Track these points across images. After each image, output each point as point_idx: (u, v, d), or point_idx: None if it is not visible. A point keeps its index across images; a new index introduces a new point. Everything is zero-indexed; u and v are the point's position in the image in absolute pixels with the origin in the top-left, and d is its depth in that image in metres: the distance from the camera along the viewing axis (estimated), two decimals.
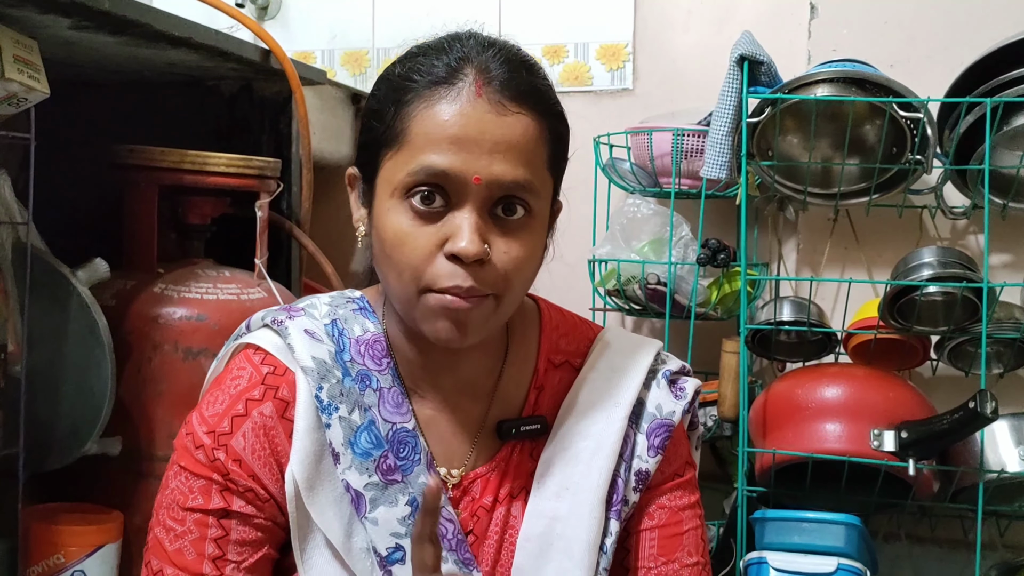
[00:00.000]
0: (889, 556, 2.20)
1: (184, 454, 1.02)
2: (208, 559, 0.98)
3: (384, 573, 0.99)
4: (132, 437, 1.81)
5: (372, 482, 1.00)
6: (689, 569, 1.09)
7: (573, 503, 1.04)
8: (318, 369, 1.02)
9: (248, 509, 1.00)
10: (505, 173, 0.95)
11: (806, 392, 1.93)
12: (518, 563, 1.04)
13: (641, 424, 1.09)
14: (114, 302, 1.82)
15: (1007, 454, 1.88)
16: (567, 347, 1.13)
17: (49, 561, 1.69)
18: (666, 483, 1.11)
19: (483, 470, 1.07)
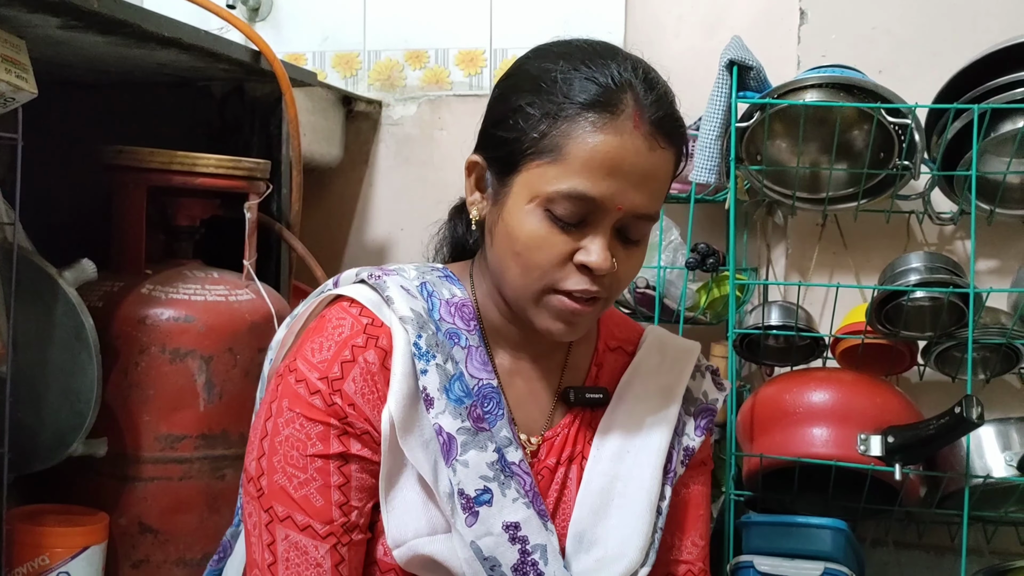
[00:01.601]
0: (876, 562, 2.20)
1: (298, 401, 1.04)
2: (335, 506, 1.02)
3: (469, 515, 1.03)
4: (118, 439, 1.81)
5: (464, 427, 1.05)
6: (700, 550, 1.18)
7: (634, 464, 1.12)
8: (416, 319, 1.08)
9: (365, 452, 1.04)
10: (643, 206, 1.03)
11: (794, 396, 1.93)
12: (577, 516, 1.10)
13: (690, 408, 1.20)
14: (101, 303, 1.81)
15: (993, 459, 1.89)
16: (620, 335, 1.24)
17: (34, 562, 1.68)
18: (695, 467, 1.20)
19: (550, 434, 1.14)
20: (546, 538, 1.05)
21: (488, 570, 1.03)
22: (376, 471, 1.05)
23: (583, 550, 1.09)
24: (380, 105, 2.59)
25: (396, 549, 1.04)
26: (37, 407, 1.70)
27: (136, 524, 1.82)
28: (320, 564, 1.01)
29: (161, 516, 1.82)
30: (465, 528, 1.03)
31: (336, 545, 1.02)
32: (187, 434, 1.83)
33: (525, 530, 1.04)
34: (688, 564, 1.17)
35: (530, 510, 1.05)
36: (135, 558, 1.82)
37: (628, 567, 1.08)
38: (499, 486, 1.05)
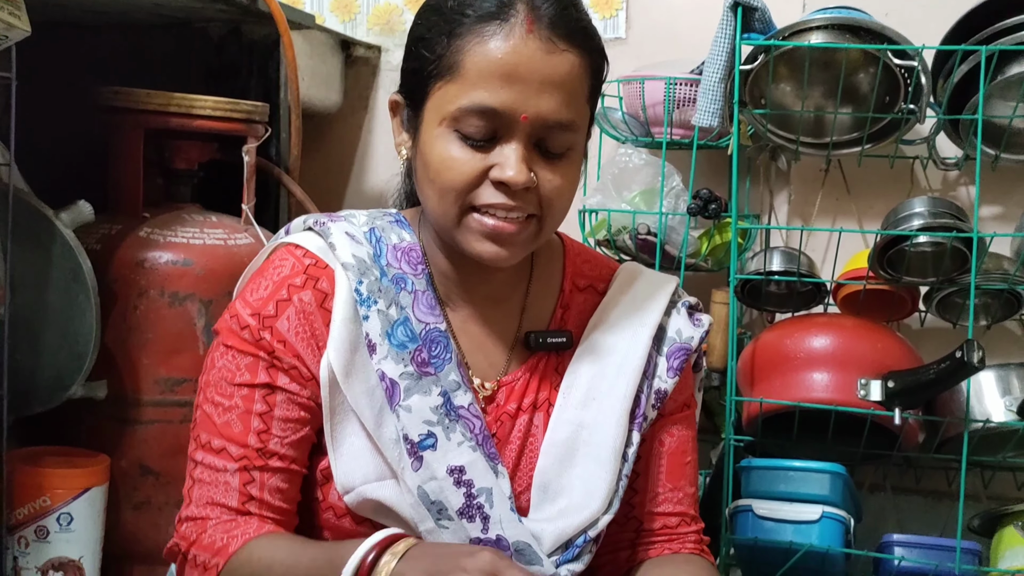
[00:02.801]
0: (874, 507, 2.21)
1: (229, 335, 1.06)
2: (253, 432, 1.03)
3: (415, 460, 1.03)
4: (118, 383, 1.81)
5: (407, 372, 1.05)
6: (689, 497, 1.16)
7: (599, 412, 1.09)
8: (358, 266, 1.07)
9: (292, 387, 1.04)
10: (551, 112, 1.00)
11: (794, 342, 1.93)
12: (542, 466, 1.09)
13: (662, 347, 1.15)
14: (99, 246, 1.80)
15: (992, 405, 1.89)
16: (590, 272, 1.19)
17: (35, 504, 1.69)
18: (676, 412, 1.17)
19: (508, 379, 1.12)
20: (493, 482, 1.04)
21: (435, 514, 1.02)
22: (304, 405, 1.05)
23: (548, 500, 1.08)
24: (379, 50, 2.55)
25: (346, 495, 1.04)
26: (35, 349, 1.70)
27: (137, 466, 1.82)
28: (228, 483, 1.02)
29: (162, 459, 1.83)
30: (411, 473, 1.02)
31: (247, 467, 1.02)
32: (187, 378, 1.83)
33: (470, 473, 1.03)
34: (680, 515, 1.15)
35: (476, 453, 1.04)
36: (136, 500, 1.83)
37: (590, 516, 1.07)
38: (443, 430, 1.04)
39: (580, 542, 1.07)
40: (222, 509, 1.02)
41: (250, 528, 1.00)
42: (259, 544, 0.98)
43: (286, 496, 1.05)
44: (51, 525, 1.69)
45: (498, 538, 1.03)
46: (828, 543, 1.85)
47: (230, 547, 0.98)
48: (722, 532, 1.93)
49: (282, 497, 1.04)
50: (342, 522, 1.06)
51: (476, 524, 1.03)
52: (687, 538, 1.15)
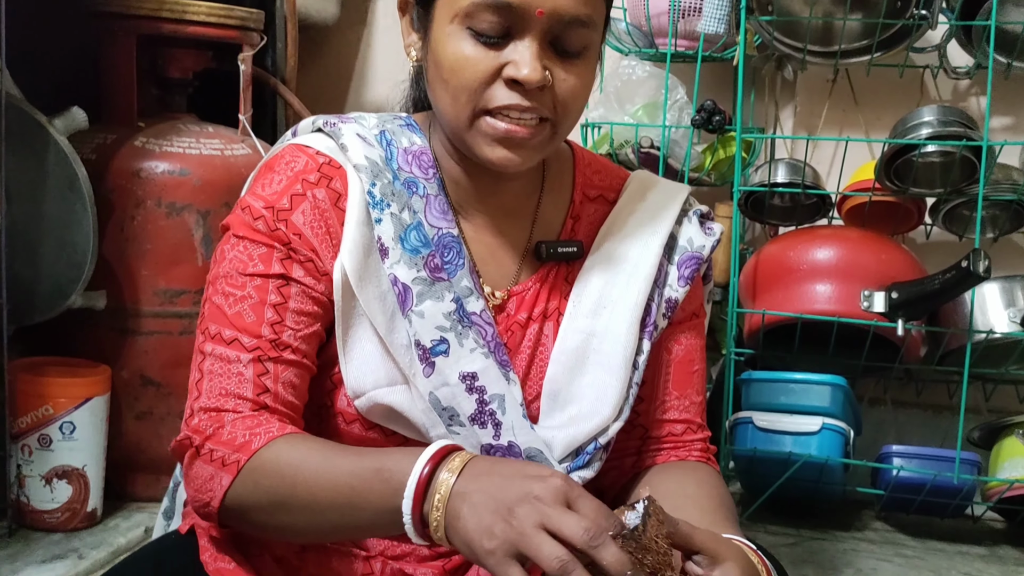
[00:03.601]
0: (874, 420, 2.22)
1: (241, 226, 1.02)
2: (267, 323, 0.99)
3: (426, 365, 1.01)
4: (117, 294, 1.80)
5: (420, 277, 1.02)
6: (696, 406, 1.14)
7: (610, 320, 1.07)
8: (371, 168, 1.04)
9: (307, 280, 1.01)
10: (568, 6, 0.96)
11: (798, 253, 1.91)
12: (552, 374, 1.07)
13: (673, 256, 1.12)
14: (94, 156, 1.78)
15: (996, 316, 1.88)
16: (601, 182, 1.17)
17: (38, 412, 1.69)
18: (685, 321, 1.14)
19: (519, 288, 1.10)
20: (505, 388, 1.03)
21: (446, 420, 1.01)
22: (318, 300, 1.02)
23: (558, 408, 1.07)
24: None
25: (356, 400, 1.02)
26: (33, 258, 1.69)
27: (138, 377, 1.83)
28: (241, 373, 0.98)
29: (162, 369, 1.83)
30: (423, 379, 1.01)
31: (260, 358, 0.98)
32: (186, 289, 1.82)
33: (482, 380, 1.02)
34: (686, 422, 1.14)
35: (489, 360, 1.03)
36: (138, 410, 1.84)
37: (600, 423, 1.05)
38: (456, 336, 1.02)
39: (590, 449, 1.06)
40: (238, 400, 0.97)
41: (272, 427, 0.96)
42: (285, 445, 0.94)
43: (298, 392, 1.02)
44: (54, 434, 1.70)
45: (510, 444, 1.02)
46: (827, 454, 1.86)
47: (252, 444, 0.93)
48: (721, 444, 1.94)
49: (294, 393, 1.01)
50: (351, 428, 1.05)
51: (488, 430, 1.02)
52: (693, 446, 1.14)
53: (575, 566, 0.77)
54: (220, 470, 0.93)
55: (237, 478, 0.93)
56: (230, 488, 0.93)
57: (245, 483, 0.93)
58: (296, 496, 0.92)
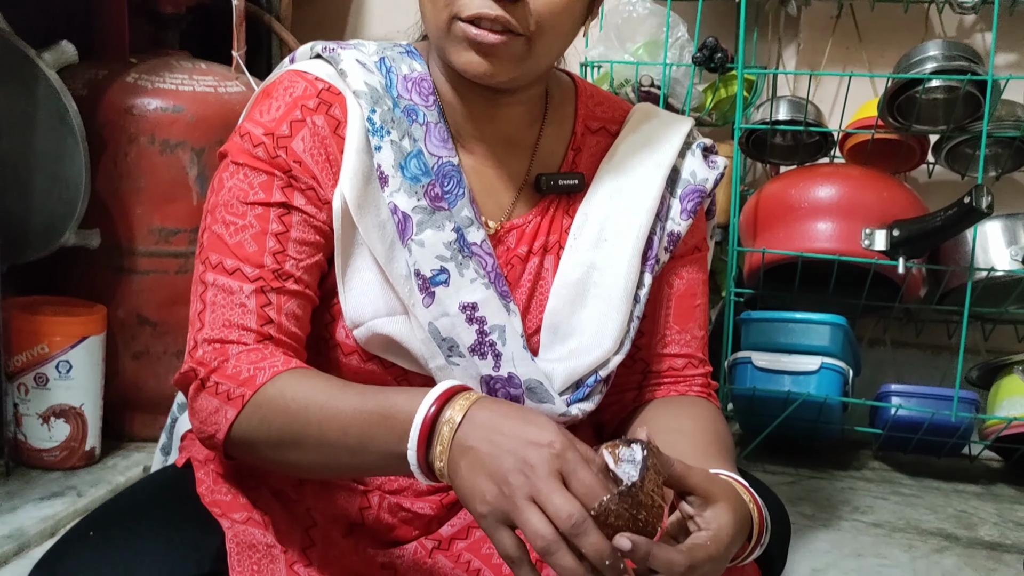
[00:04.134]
0: (873, 361, 2.22)
1: (240, 153, 1.00)
2: (269, 252, 0.98)
3: (426, 295, 1.00)
4: (112, 232, 1.79)
5: (420, 205, 1.01)
6: (698, 340, 1.13)
7: (611, 252, 1.06)
8: (371, 94, 1.02)
9: (309, 208, 1.00)
10: None
11: (799, 192, 1.89)
12: (552, 307, 1.06)
13: (676, 189, 1.11)
14: (85, 91, 1.75)
15: (997, 254, 1.87)
16: (603, 115, 1.14)
17: (33, 351, 1.69)
18: (687, 255, 1.13)
19: (519, 221, 1.08)
20: (505, 319, 1.02)
21: (446, 350, 1.00)
22: (320, 229, 1.00)
23: (558, 341, 1.06)
24: None
25: (355, 330, 1.01)
26: (25, 194, 1.67)
27: (134, 316, 1.82)
28: (244, 304, 0.97)
29: (159, 309, 1.82)
30: (422, 309, 1.00)
31: (263, 288, 0.97)
32: (181, 228, 1.81)
33: (483, 310, 1.01)
34: (687, 357, 1.12)
35: (489, 290, 1.02)
36: (135, 349, 1.83)
37: (601, 356, 1.05)
38: (456, 266, 1.01)
39: (591, 382, 1.05)
40: (242, 331, 0.96)
41: (277, 360, 0.94)
42: (291, 380, 0.93)
43: (300, 323, 1.01)
44: (50, 372, 1.69)
45: (510, 376, 1.01)
46: (826, 393, 1.86)
47: (257, 379, 0.92)
48: (720, 384, 1.94)
49: (297, 324, 1.00)
50: (349, 360, 1.04)
51: (488, 361, 1.01)
52: (694, 381, 1.13)
53: (558, 547, 0.76)
54: (225, 403, 0.93)
55: (242, 412, 0.92)
56: (235, 422, 0.92)
57: (251, 418, 0.92)
58: (305, 435, 0.91)
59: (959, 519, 1.81)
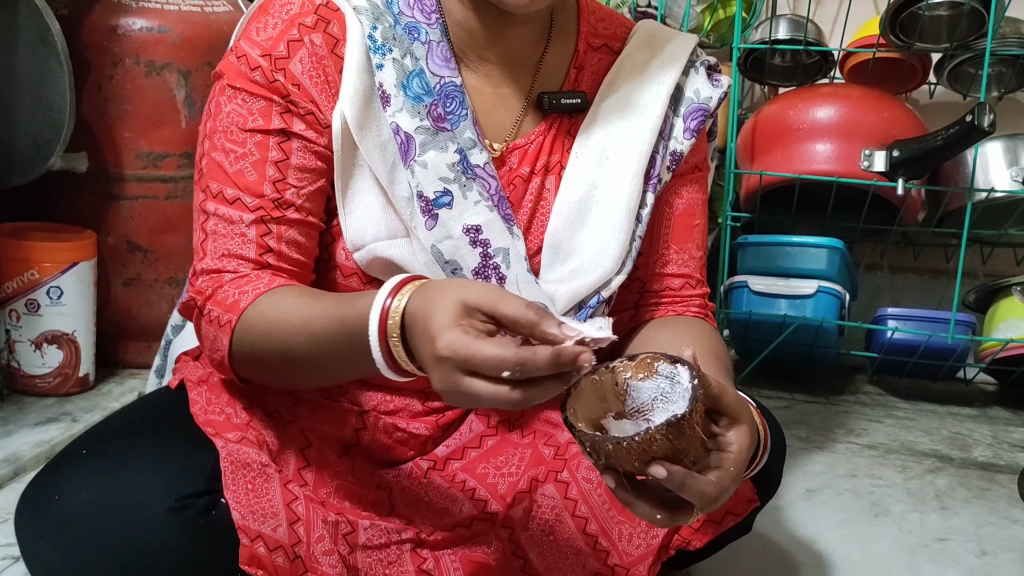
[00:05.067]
0: (870, 286, 2.21)
1: (238, 76, 0.98)
2: (269, 181, 0.97)
3: (429, 218, 0.99)
4: (99, 157, 1.75)
5: (423, 126, 0.99)
6: (696, 261, 1.12)
7: (613, 171, 1.05)
8: (371, 10, 1.00)
9: (309, 133, 0.98)
10: None
11: (798, 113, 1.86)
12: (554, 227, 1.05)
13: (679, 108, 1.09)
14: (67, 11, 1.70)
15: (998, 175, 1.85)
16: (605, 31, 1.12)
17: (23, 277, 1.67)
18: (688, 174, 1.12)
19: (522, 142, 1.07)
20: (509, 242, 1.01)
21: (449, 274, 0.99)
22: (321, 154, 0.99)
23: (559, 261, 1.05)
24: None
25: (355, 253, 1.00)
26: (8, 118, 1.63)
27: (124, 243, 1.79)
28: (244, 234, 0.97)
29: (149, 235, 1.79)
30: (425, 232, 0.99)
31: (263, 218, 0.97)
32: (169, 152, 1.78)
33: (487, 233, 1.00)
34: (685, 277, 1.12)
35: (493, 213, 1.00)
36: (126, 276, 1.81)
37: (602, 276, 1.04)
38: (460, 188, 0.99)
39: (593, 303, 1.05)
40: (239, 261, 0.97)
41: (261, 283, 0.95)
42: (270, 299, 0.93)
43: (303, 250, 1.00)
44: (41, 299, 1.67)
45: None
46: (822, 317, 1.85)
47: (241, 303, 0.93)
48: (717, 309, 1.93)
49: (299, 250, 1.00)
50: (349, 282, 1.03)
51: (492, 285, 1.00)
52: (691, 301, 1.13)
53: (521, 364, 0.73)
54: (219, 331, 0.94)
55: (233, 338, 0.93)
56: (230, 347, 0.94)
57: (241, 342, 0.93)
58: (291, 350, 0.91)
59: (953, 441, 1.81)
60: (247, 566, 0.90)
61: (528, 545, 1.02)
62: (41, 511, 0.91)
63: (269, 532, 0.91)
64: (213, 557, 0.89)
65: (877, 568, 1.32)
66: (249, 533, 0.90)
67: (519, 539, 1.02)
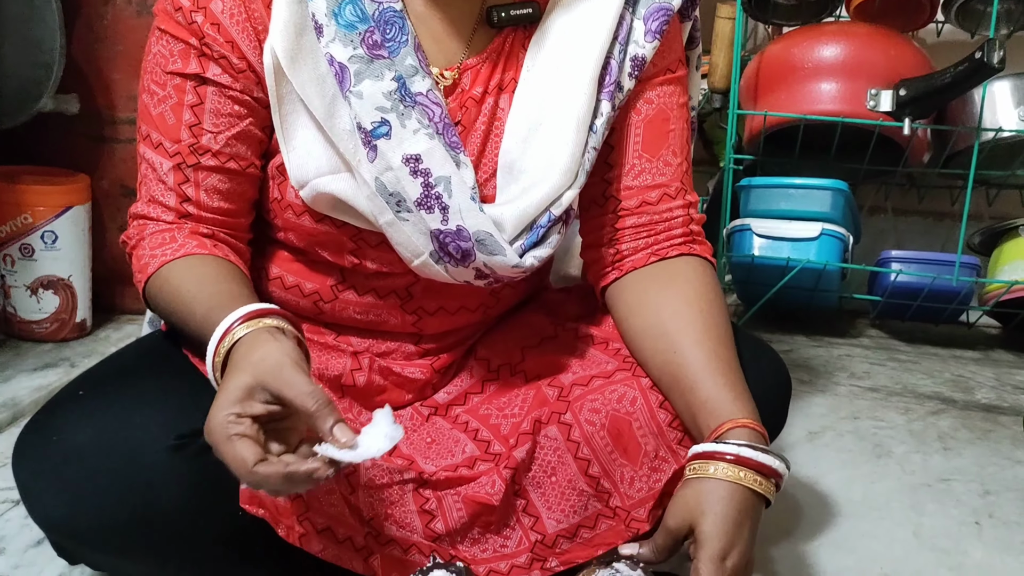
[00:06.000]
0: (873, 230, 2.19)
1: (165, 17, 0.98)
2: (185, 126, 0.98)
3: (369, 149, 0.97)
4: (91, 99, 1.72)
5: (357, 55, 0.97)
6: (673, 168, 1.06)
7: (565, 81, 1.01)
8: None
9: (223, 78, 0.97)
10: None
11: (802, 52, 1.83)
12: (506, 147, 1.02)
13: (638, 8, 1.03)
14: None
15: (1005, 115, 1.82)
16: None
17: (16, 221, 1.65)
18: (657, 76, 1.06)
19: (473, 61, 1.03)
20: (452, 170, 0.97)
21: (394, 206, 0.97)
22: (237, 99, 0.98)
23: (512, 180, 1.01)
24: None
25: (300, 190, 0.99)
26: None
27: (119, 186, 1.77)
28: (164, 181, 0.99)
29: None
30: (367, 165, 0.96)
31: (180, 164, 0.98)
32: None
33: (427, 162, 0.97)
34: (662, 187, 1.05)
35: (434, 141, 0.97)
36: (121, 221, 1.79)
37: (551, 190, 0.99)
38: (398, 117, 0.96)
39: (544, 222, 1.00)
40: (162, 208, 1.00)
41: (172, 246, 0.97)
42: (170, 272, 0.96)
43: (227, 196, 1.00)
44: (35, 243, 1.65)
45: (458, 229, 0.97)
46: (826, 260, 1.83)
47: (149, 267, 0.97)
48: (720, 253, 1.91)
49: (221, 197, 1.00)
50: (301, 220, 1.02)
51: (435, 215, 0.97)
52: (673, 221, 1.05)
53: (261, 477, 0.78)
54: (137, 283, 1.00)
55: (144, 293, 0.99)
56: (145, 299, 1.00)
57: (150, 301, 1.00)
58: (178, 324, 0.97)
59: (956, 383, 1.81)
60: (248, 505, 0.89)
61: (530, 486, 1.01)
62: (39, 452, 0.90)
63: None
64: (214, 496, 0.89)
65: (880, 508, 1.32)
66: None
67: (521, 480, 1.01)
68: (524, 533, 1.00)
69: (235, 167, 0.99)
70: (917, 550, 1.22)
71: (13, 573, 1.08)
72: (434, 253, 0.98)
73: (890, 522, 1.28)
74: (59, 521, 0.88)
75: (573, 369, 1.06)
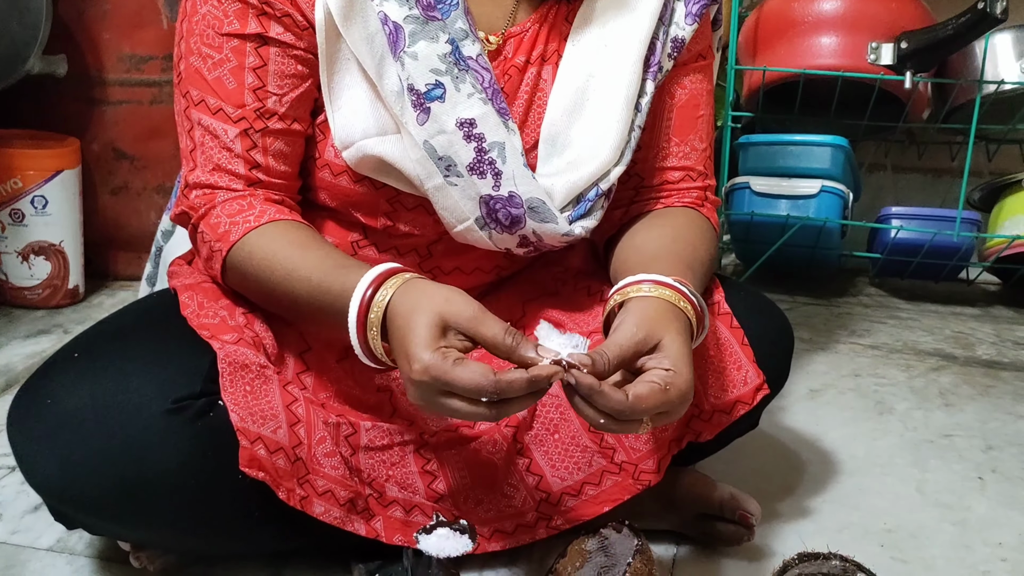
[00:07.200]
0: (873, 187, 2.17)
1: None
2: (249, 89, 0.95)
3: (421, 112, 0.95)
4: (80, 60, 1.69)
5: (412, 15, 0.95)
6: (698, 153, 1.08)
7: (612, 59, 1.01)
8: None
9: (287, 37, 0.95)
10: None
11: (802, 5, 1.80)
12: (551, 118, 1.02)
13: None
14: None
15: (1007, 67, 1.79)
16: None
17: (6, 185, 1.62)
18: (691, 62, 1.07)
19: (516, 30, 1.03)
20: (505, 136, 0.97)
21: (443, 170, 0.96)
22: (301, 58, 0.95)
23: (556, 153, 1.01)
24: None
25: (345, 150, 0.97)
26: None
27: (110, 150, 1.74)
28: (230, 148, 0.95)
29: (135, 142, 1.75)
30: (416, 127, 0.95)
31: (248, 130, 0.95)
32: (152, 55, 1.71)
33: (481, 127, 0.96)
34: (685, 169, 1.07)
35: (487, 106, 0.96)
36: (113, 185, 1.77)
37: (600, 167, 1.00)
38: (452, 80, 0.95)
39: (591, 196, 1.01)
40: (231, 177, 0.96)
41: (252, 213, 0.94)
42: (259, 239, 0.93)
43: (289, 159, 0.98)
44: (26, 208, 1.63)
45: (510, 195, 0.97)
46: (826, 217, 1.82)
47: (231, 235, 0.93)
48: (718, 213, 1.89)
49: (285, 161, 0.98)
50: (339, 180, 1.00)
51: (487, 180, 0.97)
52: (687, 193, 1.08)
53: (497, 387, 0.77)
54: (212, 253, 0.95)
55: (224, 265, 0.95)
56: (223, 271, 0.95)
57: (231, 271, 0.95)
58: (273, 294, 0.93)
59: (956, 340, 1.80)
60: (247, 468, 0.88)
61: (532, 444, 1.00)
62: (34, 416, 0.89)
63: (269, 434, 0.89)
64: (212, 460, 0.88)
65: (882, 464, 1.32)
66: (248, 435, 0.88)
67: (523, 438, 1.00)
68: (528, 492, 1.00)
69: (298, 129, 0.98)
70: (921, 506, 1.21)
71: (11, 539, 1.07)
72: (480, 219, 0.97)
73: (893, 478, 1.28)
74: (55, 486, 0.87)
75: (573, 323, 1.05)
